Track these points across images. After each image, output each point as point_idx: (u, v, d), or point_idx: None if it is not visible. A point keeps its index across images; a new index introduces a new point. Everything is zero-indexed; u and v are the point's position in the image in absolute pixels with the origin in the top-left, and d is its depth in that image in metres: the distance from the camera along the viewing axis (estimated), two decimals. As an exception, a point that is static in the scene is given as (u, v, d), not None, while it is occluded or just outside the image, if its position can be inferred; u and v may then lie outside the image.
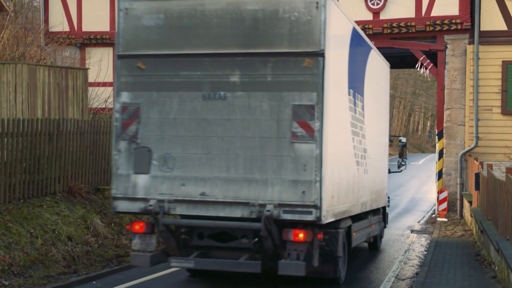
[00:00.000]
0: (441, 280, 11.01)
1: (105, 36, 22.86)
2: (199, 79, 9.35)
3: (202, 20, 9.37)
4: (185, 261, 9.57)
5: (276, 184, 9.01)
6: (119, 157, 9.60)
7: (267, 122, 9.10)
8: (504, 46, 19.13)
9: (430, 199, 25.78)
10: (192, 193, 9.28)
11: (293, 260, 9.17)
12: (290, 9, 9.06)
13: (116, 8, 9.78)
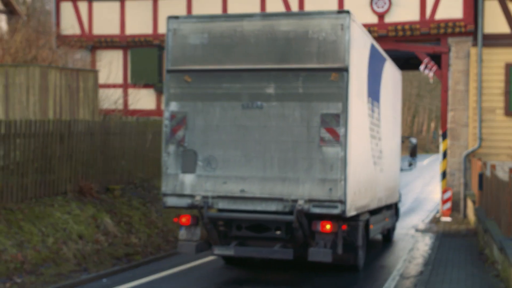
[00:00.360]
0: (445, 278, 11.11)
1: (115, 39, 23.08)
2: (239, 91, 10.61)
3: (241, 39, 10.63)
4: (226, 249, 10.80)
5: (306, 182, 10.27)
6: (168, 158, 10.87)
7: (299, 128, 10.37)
8: (507, 48, 19.29)
9: (434, 199, 25.92)
10: (232, 190, 10.56)
11: (321, 248, 10.45)
12: (318, 30, 10.32)
13: (166, 29, 11.06)
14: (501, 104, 19.34)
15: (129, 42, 22.98)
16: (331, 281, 11.38)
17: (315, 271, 12.05)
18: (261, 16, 10.86)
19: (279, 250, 10.63)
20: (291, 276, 11.83)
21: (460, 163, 19.95)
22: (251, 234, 10.96)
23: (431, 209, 23.52)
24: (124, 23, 23.06)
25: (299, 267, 12.33)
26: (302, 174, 10.29)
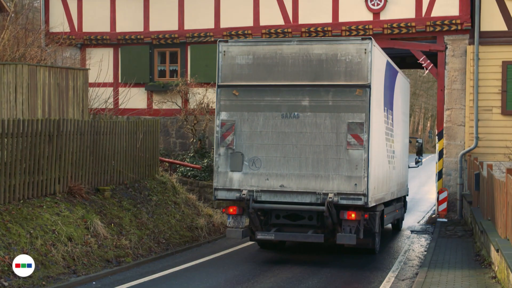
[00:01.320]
0: (441, 280, 11.01)
1: (105, 37, 22.85)
2: (279, 103, 12.71)
3: (281, 60, 12.72)
4: (267, 234, 12.93)
5: (335, 178, 12.41)
6: (219, 159, 12.97)
7: (329, 134, 12.47)
8: (504, 46, 19.11)
9: (430, 200, 25.75)
10: (273, 185, 12.69)
11: (347, 233, 12.56)
12: (345, 53, 12.43)
13: (217, 51, 13.04)
14: (498, 103, 19.15)
15: (119, 39, 22.75)
16: (352, 261, 13.61)
17: (336, 254, 14.21)
18: (297, 41, 12.91)
19: (312, 235, 12.78)
20: (316, 257, 14.04)
21: (456, 163, 19.77)
22: (288, 222, 13.05)
23: (427, 209, 23.37)
24: (114, 20, 22.84)
25: (321, 251, 14.57)
26: (332, 172, 12.42)
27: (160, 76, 22.77)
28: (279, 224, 13.12)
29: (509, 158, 17.44)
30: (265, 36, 21.18)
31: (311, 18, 20.79)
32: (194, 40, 22.03)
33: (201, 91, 21.56)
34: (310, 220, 12.92)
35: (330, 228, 12.74)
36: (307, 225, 12.96)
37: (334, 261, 13.53)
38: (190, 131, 21.45)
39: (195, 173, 20.05)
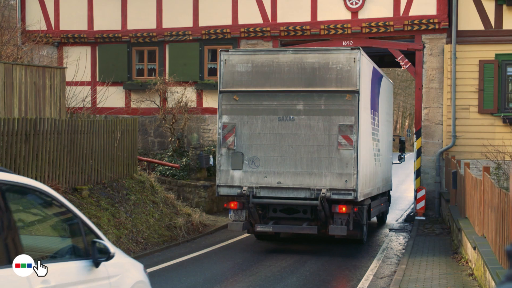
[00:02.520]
0: (419, 277, 11.05)
1: (83, 35, 22.69)
2: (276, 107, 13.66)
3: (277, 68, 13.69)
4: (266, 226, 13.84)
5: (328, 176, 13.39)
6: (221, 158, 13.92)
7: (322, 136, 13.44)
8: (481, 45, 19.24)
9: (409, 198, 25.87)
10: (271, 182, 13.63)
11: (338, 225, 13.56)
12: (336, 62, 13.43)
13: (218, 59, 14.04)
14: (475, 102, 19.28)
15: (97, 38, 22.61)
16: (348, 245, 14.94)
17: (326, 244, 15.26)
18: (292, 50, 13.92)
19: (306, 227, 13.79)
20: (308, 247, 15.12)
21: (434, 161, 19.88)
22: (284, 215, 14.02)
23: (405, 208, 23.47)
24: (92, 18, 22.68)
25: (312, 242, 15.62)
26: (325, 170, 13.40)
27: (138, 75, 22.65)
28: (276, 217, 14.09)
29: (486, 156, 17.57)
30: (242, 35, 21.16)
31: (290, 17, 20.80)
32: (173, 38, 21.95)
33: (180, 90, 21.49)
34: (305, 214, 13.92)
35: (323, 220, 13.73)
36: (302, 218, 13.97)
37: (320, 252, 13.83)
38: (168, 130, 21.36)
39: (173, 172, 19.98)
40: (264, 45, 21.13)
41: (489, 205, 10.42)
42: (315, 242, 15.66)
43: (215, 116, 21.79)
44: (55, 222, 6.07)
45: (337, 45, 20.45)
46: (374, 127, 15.60)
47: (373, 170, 15.57)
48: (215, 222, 17.90)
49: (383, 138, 17.40)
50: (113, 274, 6.02)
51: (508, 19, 19.08)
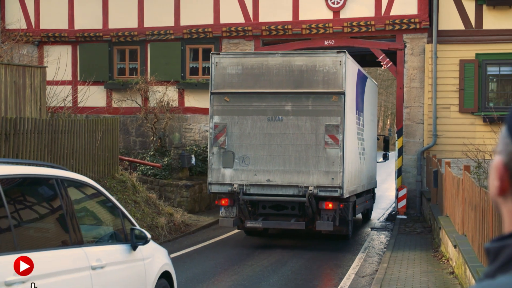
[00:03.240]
0: (400, 276, 11.09)
1: (63, 34, 22.54)
2: (265, 108, 14.15)
3: (267, 70, 14.17)
4: (255, 222, 14.41)
5: (315, 173, 13.91)
6: (213, 157, 14.42)
7: (309, 135, 13.94)
8: (462, 45, 19.36)
9: (390, 197, 25.97)
10: (261, 180, 14.14)
11: (325, 221, 14.17)
12: (323, 64, 13.94)
13: (210, 62, 14.51)
14: (455, 101, 19.40)
15: (78, 37, 22.48)
16: (331, 243, 15.26)
17: (311, 240, 15.70)
18: (281, 53, 14.53)
19: (294, 223, 14.36)
20: (296, 242, 15.53)
21: (415, 160, 19.98)
22: (273, 212, 14.55)
23: (387, 206, 23.56)
24: (72, 17, 22.54)
25: (298, 237, 16.04)
26: (312, 168, 13.90)
27: (120, 74, 22.55)
28: (266, 213, 14.62)
29: (466, 155, 17.67)
30: (224, 34, 21.14)
31: (271, 16, 20.81)
32: (154, 37, 21.87)
33: (161, 89, 21.42)
34: (293, 210, 14.43)
35: (310, 216, 14.32)
36: (290, 214, 14.51)
37: (303, 249, 13.94)
38: (150, 130, 21.29)
39: (155, 172, 19.91)
40: (246, 45, 21.12)
41: (469, 203, 10.48)
42: (301, 238, 15.79)
43: (197, 115, 21.75)
44: (101, 212, 7.18)
45: (319, 44, 20.49)
46: (359, 127, 16.19)
47: (358, 168, 16.14)
48: (197, 222, 17.87)
49: (368, 137, 18.01)
50: (146, 256, 7.13)
51: (488, 19, 19.22)
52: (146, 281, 7.07)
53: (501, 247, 1.35)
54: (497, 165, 1.39)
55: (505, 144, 1.38)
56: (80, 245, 5.99)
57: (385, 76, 55.40)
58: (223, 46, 21.30)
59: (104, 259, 6.21)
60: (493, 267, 1.34)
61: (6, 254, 4.99)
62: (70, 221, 5.96)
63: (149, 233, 7.09)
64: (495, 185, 1.40)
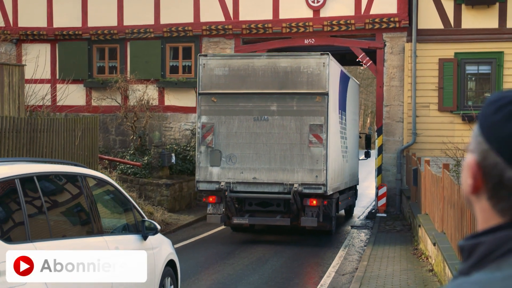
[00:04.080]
0: (380, 274, 11.14)
1: (42, 32, 22.36)
2: (251, 108, 14.54)
3: (252, 71, 14.58)
4: (242, 219, 14.82)
5: (300, 171, 14.30)
6: (201, 156, 14.79)
7: (294, 134, 14.35)
8: (441, 44, 19.49)
9: (370, 195, 26.06)
10: (247, 178, 14.53)
11: (309, 217, 14.58)
12: (307, 66, 14.39)
13: (198, 63, 14.86)
14: (435, 99, 19.52)
15: (57, 35, 22.31)
16: (312, 241, 15.53)
17: (296, 236, 16.09)
18: (266, 55, 15.15)
19: (280, 219, 14.83)
20: (279, 238, 15.96)
21: (395, 159, 20.07)
22: (259, 209, 14.97)
23: (367, 205, 23.66)
24: (51, 15, 22.36)
25: (284, 233, 16.35)
26: (297, 166, 14.30)
27: (99, 73, 22.42)
28: (252, 210, 15.04)
29: (445, 153, 17.78)
30: (204, 32, 21.11)
31: (252, 15, 20.79)
32: (134, 36, 21.76)
33: (141, 88, 21.32)
34: (278, 207, 14.85)
35: (295, 213, 14.74)
36: (275, 211, 14.94)
37: (284, 248, 13.96)
38: (130, 128, 21.18)
39: (135, 171, 19.81)
40: (226, 43, 21.09)
41: (448, 201, 10.56)
42: (285, 234, 16.01)
43: (177, 114, 21.69)
44: (115, 205, 7.87)
45: (299, 43, 20.52)
46: (342, 126, 16.62)
47: (341, 166, 16.61)
48: (177, 221, 17.82)
49: (350, 136, 18.46)
50: (155, 246, 7.77)
51: (467, 18, 19.36)
52: (155, 268, 7.68)
53: (476, 244, 1.36)
54: (470, 163, 1.40)
55: (478, 143, 1.39)
56: (101, 235, 6.80)
57: (365, 75, 55.62)
58: (203, 45, 21.25)
59: (121, 247, 6.92)
60: (467, 264, 1.36)
61: (45, 240, 5.80)
62: (93, 213, 6.78)
63: (159, 225, 7.78)
64: (469, 183, 1.41)
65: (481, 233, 1.37)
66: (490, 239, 1.34)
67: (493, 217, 1.37)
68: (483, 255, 1.33)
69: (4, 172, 5.65)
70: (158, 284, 7.79)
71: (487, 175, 1.37)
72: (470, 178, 1.40)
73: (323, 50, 20.16)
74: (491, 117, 1.37)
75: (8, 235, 5.51)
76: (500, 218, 1.36)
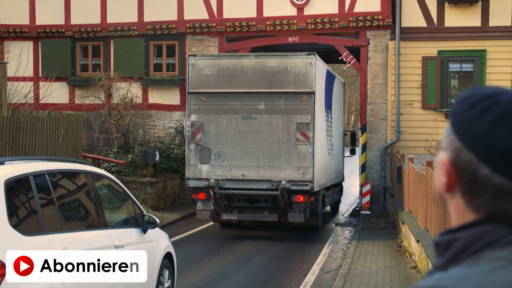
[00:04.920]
0: (364, 271, 11.18)
1: (24, 30, 22.21)
2: (240, 107, 14.93)
3: (241, 71, 14.94)
4: (231, 215, 15.16)
5: (287, 168, 14.72)
6: (190, 154, 15.16)
7: (281, 133, 14.76)
8: (424, 42, 19.57)
9: (354, 193, 26.14)
10: (236, 175, 14.91)
11: (296, 213, 14.98)
12: (294, 66, 14.78)
13: (187, 63, 15.25)
14: (418, 97, 19.61)
15: (39, 33, 22.16)
16: (296, 239, 15.71)
17: (282, 232, 16.36)
18: (254, 55, 15.43)
19: (268, 215, 15.18)
20: (266, 235, 16.27)
21: (379, 156, 20.14)
22: (247, 205, 15.31)
23: (351, 202, 23.73)
24: (34, 13, 22.22)
25: (271, 230, 16.72)
26: (284, 163, 14.72)
27: (83, 70, 22.30)
28: (240, 206, 15.36)
29: (429, 151, 17.89)
30: (188, 30, 21.07)
31: (235, 13, 20.77)
32: (117, 34, 21.67)
33: (125, 86, 21.23)
34: (266, 203, 15.21)
35: (283, 209, 15.09)
36: (263, 207, 15.31)
37: (268, 245, 13.86)
38: (113, 126, 21.09)
39: (119, 169, 19.74)
40: (210, 41, 21.06)
41: (432, 199, 10.60)
42: (272, 230, 16.08)
43: (161, 112, 21.63)
44: (116, 200, 8.31)
45: (283, 41, 20.54)
46: (328, 124, 17.07)
47: (327, 163, 17.03)
48: (161, 219, 17.76)
49: (336, 133, 18.95)
50: (154, 239, 8.21)
51: (450, 16, 19.47)
52: (154, 260, 8.06)
53: (451, 240, 1.37)
54: (444, 161, 1.42)
55: (450, 141, 1.41)
56: (106, 228, 7.30)
57: (349, 73, 55.77)
58: (187, 43, 21.20)
59: (123, 239, 7.38)
60: (443, 260, 1.37)
61: (56, 233, 6.30)
62: (97, 208, 7.27)
63: (157, 219, 8.21)
64: (442, 181, 1.42)
65: (456, 229, 1.39)
66: (466, 235, 1.36)
67: (467, 214, 1.39)
68: (459, 251, 1.35)
69: (18, 170, 6.16)
70: (156, 275, 8.20)
71: (461, 173, 1.38)
72: (443, 176, 1.41)
73: (307, 48, 20.32)
74: (463, 114, 1.38)
75: (24, 227, 5.95)
76: (474, 215, 1.38)
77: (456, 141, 1.39)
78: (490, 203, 1.35)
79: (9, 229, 5.70)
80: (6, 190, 5.81)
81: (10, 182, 5.92)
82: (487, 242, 1.33)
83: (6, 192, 5.81)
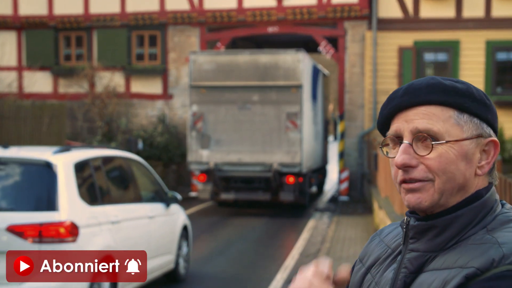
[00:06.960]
0: (342, 255, 11.52)
1: (8, 20, 22.32)
2: (236, 98, 16.56)
3: (236, 67, 16.56)
4: (229, 194, 17.02)
5: (278, 153, 16.41)
6: (192, 140, 16.85)
7: (273, 121, 16.40)
8: (400, 32, 20.01)
9: (333, 179, 26.56)
10: (233, 159, 16.61)
11: (287, 192, 16.70)
12: (284, 62, 16.42)
13: (190, 60, 16.86)
14: (394, 86, 20.02)
15: (23, 23, 22.30)
16: (288, 213, 17.58)
17: (264, 218, 17.18)
18: (249, 52, 16.78)
19: (261, 194, 16.92)
20: (262, 211, 17.91)
21: (356, 144, 20.58)
22: (243, 186, 17.03)
23: (330, 188, 24.13)
24: (17, 3, 22.33)
25: (266, 208, 18.34)
26: (276, 148, 16.39)
27: (66, 60, 22.50)
28: (237, 187, 17.08)
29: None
30: (170, 21, 21.33)
31: (216, 3, 21.05)
32: (100, 24, 21.88)
33: (108, 75, 21.49)
34: (260, 184, 16.85)
35: (274, 189, 16.83)
36: (257, 187, 16.98)
37: (248, 232, 14.06)
38: (97, 115, 21.36)
39: (102, 157, 19.99)
40: (191, 31, 21.34)
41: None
42: (253, 216, 16.22)
43: (143, 101, 21.91)
44: (146, 180, 9.47)
45: (263, 31, 20.89)
46: (314, 113, 18.71)
47: (314, 148, 18.76)
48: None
49: (321, 121, 20.66)
50: (175, 212, 9.75)
51: (425, 8, 19.92)
52: (175, 230, 9.69)
53: (454, 218, 1.64)
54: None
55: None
56: (141, 202, 8.86)
57: (328, 62, 56.05)
58: (169, 33, 21.48)
59: (154, 212, 8.95)
60: (443, 238, 1.65)
61: (109, 204, 7.81)
62: (134, 185, 8.85)
63: (179, 196, 9.81)
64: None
65: (452, 208, 1.59)
66: (467, 211, 1.58)
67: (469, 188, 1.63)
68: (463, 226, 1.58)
69: (82, 156, 7.68)
70: (177, 243, 9.73)
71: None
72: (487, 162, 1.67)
73: (286, 38, 20.94)
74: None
75: (87, 199, 7.38)
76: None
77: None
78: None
79: (78, 200, 7.14)
80: (75, 170, 7.28)
81: (77, 165, 7.39)
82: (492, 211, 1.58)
83: (75, 172, 7.27)
